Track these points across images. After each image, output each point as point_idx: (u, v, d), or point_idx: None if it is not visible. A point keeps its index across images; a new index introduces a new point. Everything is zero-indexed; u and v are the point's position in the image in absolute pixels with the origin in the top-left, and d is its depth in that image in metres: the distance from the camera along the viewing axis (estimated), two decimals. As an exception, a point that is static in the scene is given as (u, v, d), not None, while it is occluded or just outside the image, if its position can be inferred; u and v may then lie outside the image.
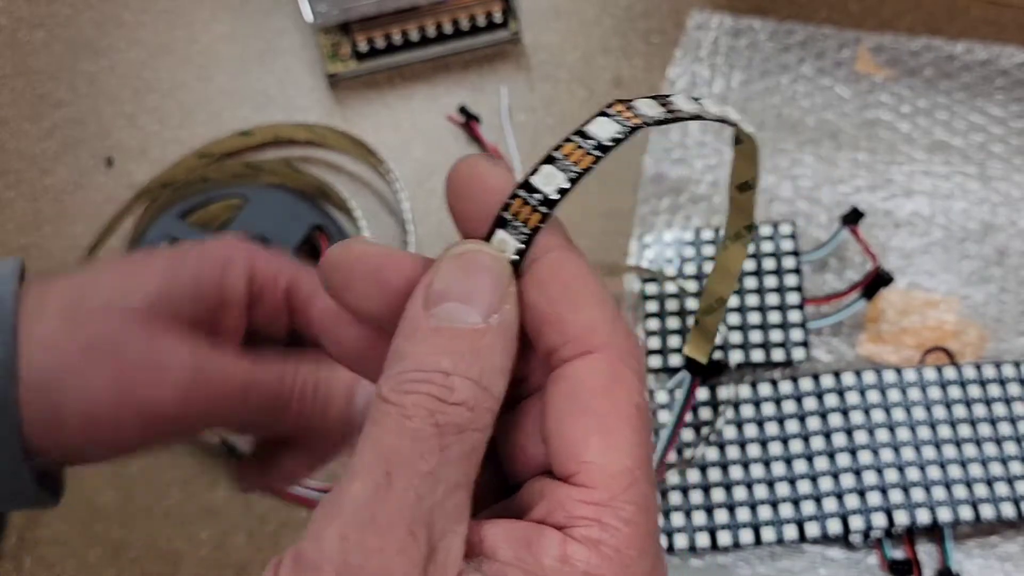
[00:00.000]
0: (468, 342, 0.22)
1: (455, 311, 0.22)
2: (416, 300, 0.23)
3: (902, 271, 0.57)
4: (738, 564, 0.50)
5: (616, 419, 0.23)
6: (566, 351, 0.23)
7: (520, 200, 0.23)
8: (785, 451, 0.51)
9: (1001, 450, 0.51)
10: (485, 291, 0.23)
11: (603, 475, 0.22)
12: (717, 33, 0.66)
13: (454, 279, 0.23)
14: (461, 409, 0.22)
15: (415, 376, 0.22)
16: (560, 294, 0.23)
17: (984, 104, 0.62)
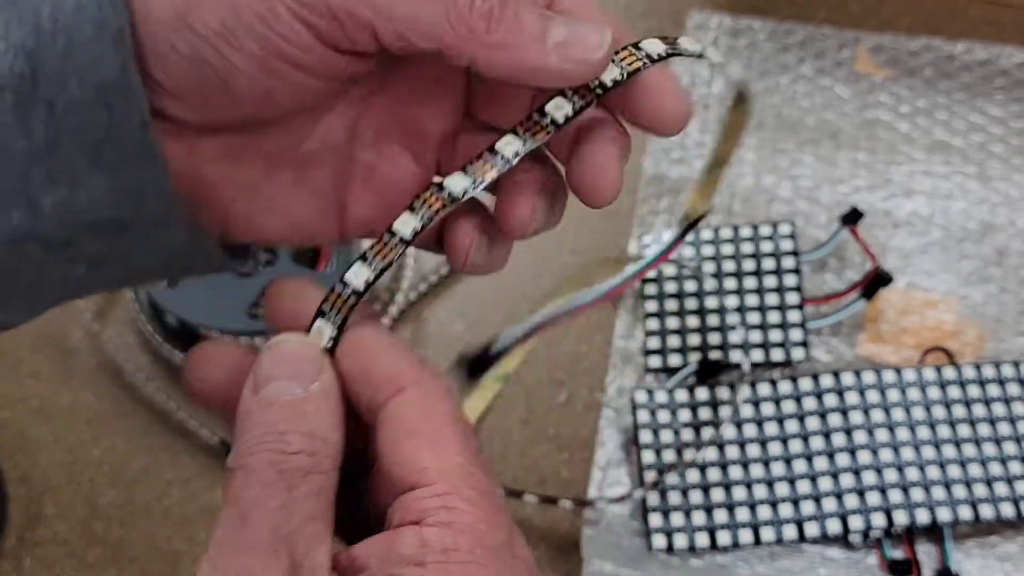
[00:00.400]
0: (295, 408, 0.26)
1: (279, 387, 0.26)
2: (246, 390, 0.27)
3: (901, 271, 0.57)
4: (737, 564, 0.50)
5: (440, 432, 0.27)
6: (380, 396, 0.27)
7: (335, 293, 0.28)
8: (784, 451, 0.51)
9: (1000, 450, 0.51)
10: (301, 366, 0.27)
11: (440, 473, 0.26)
12: (716, 33, 0.66)
13: (273, 364, 0.27)
14: (301, 456, 0.26)
15: (255, 441, 0.26)
16: (365, 355, 0.28)
17: (984, 104, 0.62)
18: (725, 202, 0.60)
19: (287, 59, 0.27)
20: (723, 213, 0.59)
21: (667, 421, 0.52)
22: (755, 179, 0.60)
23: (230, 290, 0.55)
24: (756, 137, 0.62)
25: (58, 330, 0.57)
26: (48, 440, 0.54)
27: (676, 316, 0.55)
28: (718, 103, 0.63)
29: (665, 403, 0.53)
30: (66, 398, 0.55)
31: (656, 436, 0.52)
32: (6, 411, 0.55)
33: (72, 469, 0.54)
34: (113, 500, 0.53)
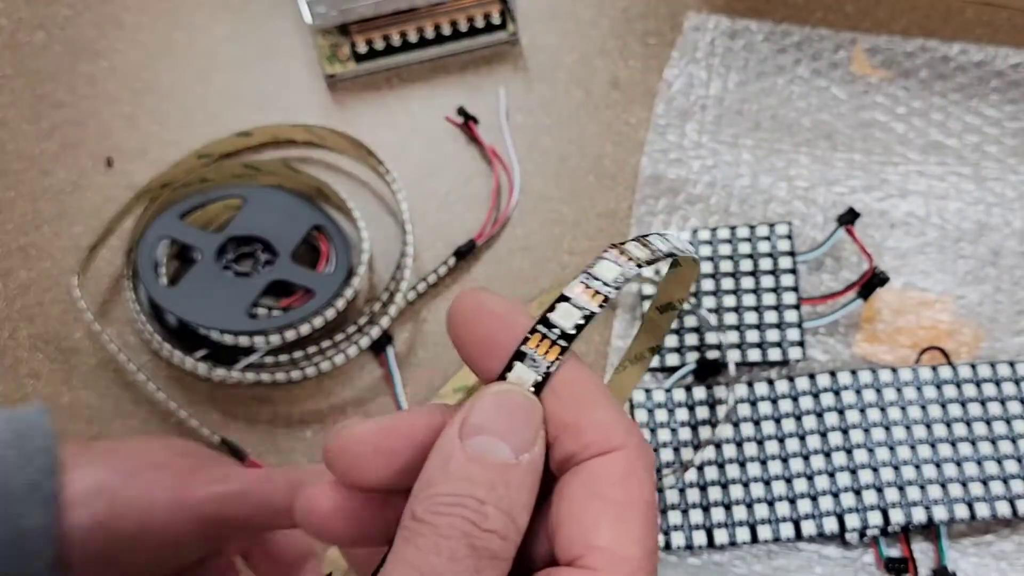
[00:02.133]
0: (501, 475, 0.23)
1: (490, 445, 0.23)
2: (452, 431, 0.24)
3: (897, 271, 0.57)
4: (735, 562, 0.50)
5: (629, 509, 0.24)
6: (584, 453, 0.24)
7: (539, 335, 0.24)
8: (781, 450, 0.51)
9: (996, 449, 0.51)
10: (520, 430, 0.24)
11: (610, 560, 0.23)
12: (714, 35, 0.66)
13: (491, 415, 0.24)
14: (494, 536, 0.23)
15: (450, 500, 0.23)
16: (577, 402, 0.24)
17: (979, 105, 0.63)
18: (722, 202, 0.60)
19: None
20: (720, 213, 0.60)
21: (665, 420, 0.52)
22: (752, 180, 0.61)
23: (230, 290, 0.55)
24: (753, 138, 0.62)
25: (58, 330, 0.58)
26: (48, 440, 0.54)
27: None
28: (716, 104, 0.64)
29: (663, 402, 0.53)
30: (66, 398, 0.56)
31: (654, 435, 0.52)
32: (6, 411, 0.55)
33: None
34: (113, 499, 0.53)
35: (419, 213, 0.61)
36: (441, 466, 0.24)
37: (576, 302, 0.25)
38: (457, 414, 0.24)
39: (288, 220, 0.58)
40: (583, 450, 0.24)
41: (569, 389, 0.25)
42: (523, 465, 0.24)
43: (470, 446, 0.24)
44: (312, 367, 0.55)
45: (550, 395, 0.24)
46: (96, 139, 0.65)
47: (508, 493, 0.23)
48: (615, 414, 0.25)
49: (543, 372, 0.24)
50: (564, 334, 0.24)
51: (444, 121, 0.65)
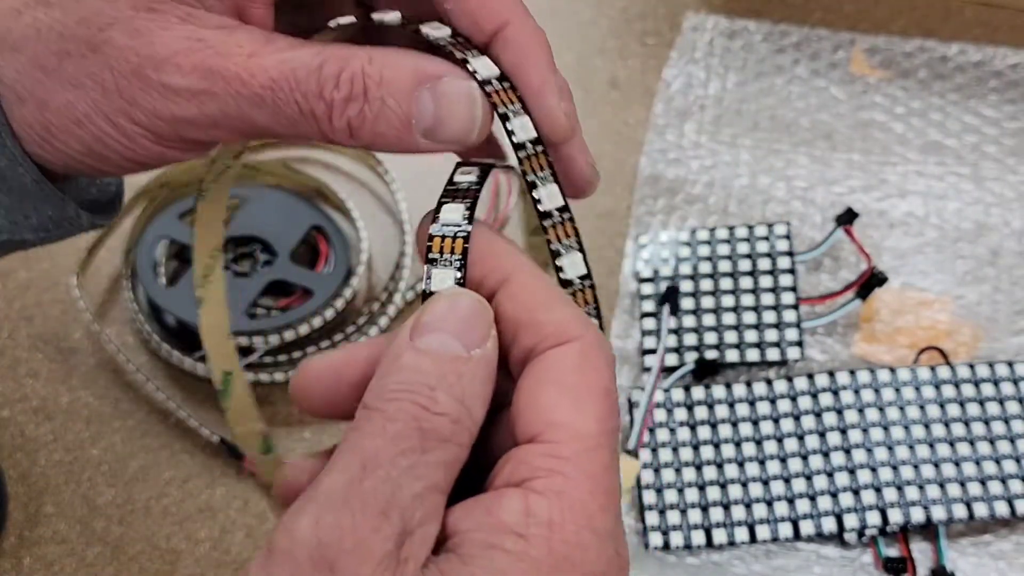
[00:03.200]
0: (453, 367, 0.24)
1: (441, 340, 0.24)
2: (403, 332, 0.25)
3: (896, 271, 0.57)
4: (733, 562, 0.50)
5: (586, 392, 0.24)
6: (544, 344, 0.25)
7: (437, 238, 0.26)
8: (780, 450, 0.51)
9: (995, 449, 0.51)
10: (471, 328, 0.25)
11: (568, 434, 0.24)
12: (712, 35, 0.66)
13: (441, 316, 0.25)
14: (445, 420, 0.23)
15: (400, 387, 0.23)
16: (533, 302, 0.25)
17: (977, 105, 0.63)
18: (721, 202, 0.60)
19: None
20: (719, 213, 0.60)
21: (663, 420, 0.52)
22: (751, 180, 0.61)
23: (229, 291, 0.55)
24: (751, 138, 0.62)
25: (57, 330, 0.58)
26: (47, 439, 0.55)
27: (672, 316, 0.56)
28: (714, 104, 0.64)
29: (661, 402, 0.53)
30: (65, 398, 0.56)
31: (652, 435, 0.52)
32: (5, 411, 0.55)
33: (71, 468, 0.54)
34: (112, 499, 0.53)
35: (418, 213, 0.61)
36: (392, 362, 0.24)
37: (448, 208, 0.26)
38: (409, 319, 0.25)
39: (287, 220, 0.58)
40: (540, 342, 0.25)
41: (525, 291, 0.25)
42: (475, 359, 0.24)
43: (421, 343, 0.24)
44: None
45: (508, 299, 0.25)
46: (95, 139, 0.65)
47: (460, 382, 0.24)
48: (571, 310, 0.25)
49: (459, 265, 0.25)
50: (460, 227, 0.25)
51: (443, 121, 0.65)
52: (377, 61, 0.27)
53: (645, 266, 0.57)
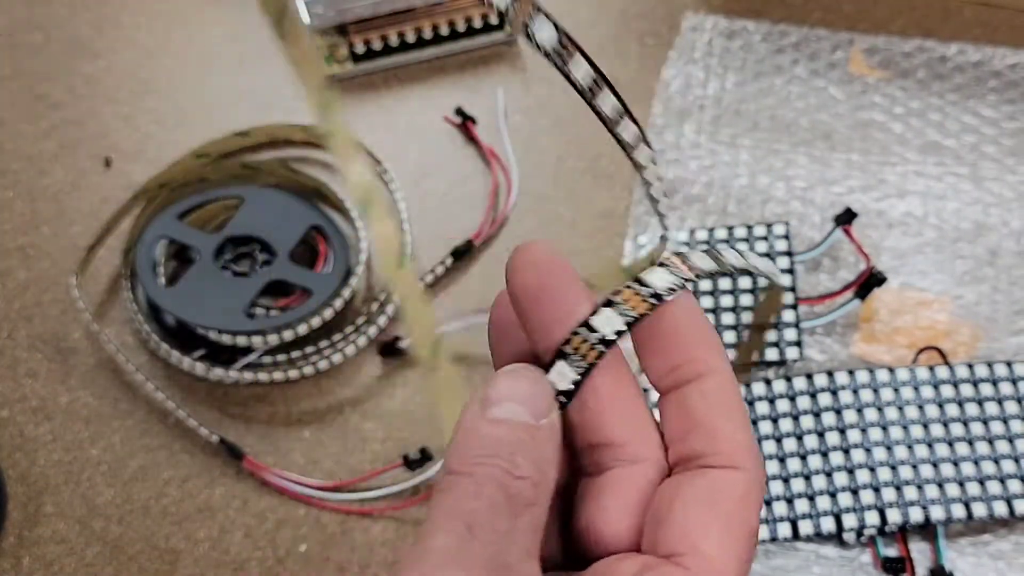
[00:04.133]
0: (527, 432, 0.24)
1: (512, 409, 0.25)
2: (472, 409, 0.25)
3: (895, 271, 0.57)
4: (732, 562, 0.50)
5: (739, 528, 0.24)
6: (713, 459, 0.25)
7: (580, 337, 0.25)
8: (779, 449, 0.51)
9: (993, 449, 0.51)
10: (536, 399, 0.25)
11: (710, 568, 0.24)
12: (711, 35, 0.66)
13: (508, 388, 0.25)
14: (527, 483, 0.24)
15: (483, 452, 0.24)
16: (720, 410, 0.25)
17: (976, 105, 0.63)
18: (720, 202, 0.60)
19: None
20: (718, 214, 0.60)
21: (662, 420, 0.52)
22: (750, 180, 0.61)
23: (228, 290, 0.55)
24: (751, 138, 0.62)
25: (56, 330, 0.58)
26: (47, 439, 0.55)
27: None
28: (713, 104, 0.64)
29: (660, 402, 0.53)
30: (64, 397, 0.56)
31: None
32: (4, 410, 0.55)
33: (70, 468, 0.54)
34: (112, 499, 0.53)
35: (417, 213, 0.61)
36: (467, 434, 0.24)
37: (620, 308, 0.25)
38: (473, 395, 0.25)
39: (286, 220, 0.58)
40: (713, 456, 0.25)
41: (718, 395, 0.25)
42: (544, 427, 0.25)
43: (492, 413, 0.25)
44: (310, 367, 0.55)
45: (697, 391, 0.25)
46: (94, 139, 0.65)
47: (535, 447, 0.24)
48: (749, 436, 0.25)
49: (581, 371, 0.25)
50: (603, 339, 0.25)
51: (442, 121, 0.65)
52: None
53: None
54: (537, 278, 0.26)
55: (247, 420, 0.55)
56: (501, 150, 0.63)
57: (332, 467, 0.54)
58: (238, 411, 0.55)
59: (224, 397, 0.56)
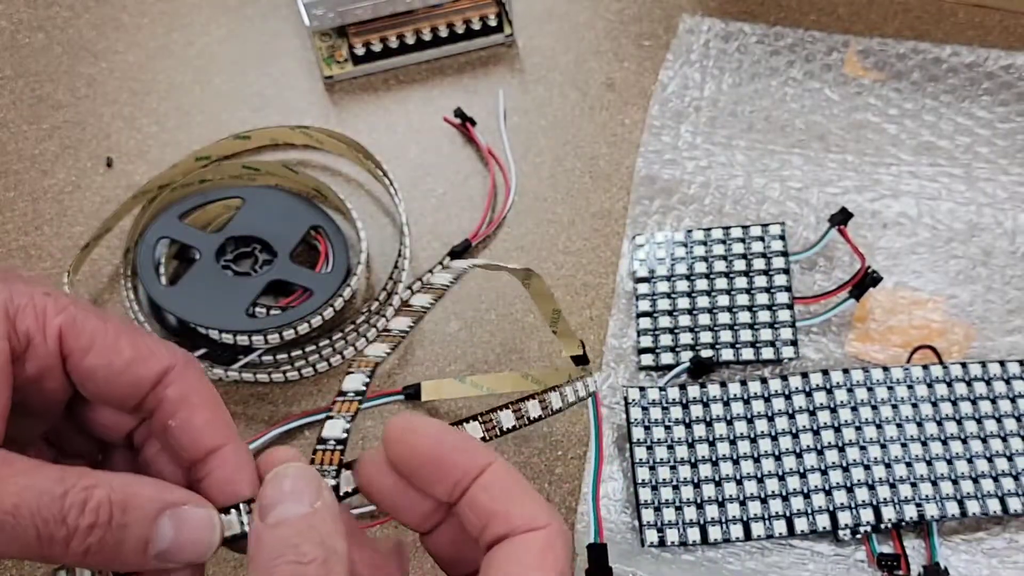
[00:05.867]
0: (305, 521, 0.28)
1: (285, 509, 0.28)
2: (255, 518, 0.28)
3: (889, 271, 0.58)
4: (728, 559, 0.50)
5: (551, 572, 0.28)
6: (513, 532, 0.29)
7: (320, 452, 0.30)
8: (775, 447, 0.52)
9: (987, 447, 0.52)
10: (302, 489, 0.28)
11: None
12: (708, 37, 0.67)
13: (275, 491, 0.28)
14: (314, 565, 0.27)
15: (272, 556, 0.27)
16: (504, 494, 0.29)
17: (970, 106, 0.63)
18: (716, 203, 0.60)
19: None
20: (714, 214, 0.60)
21: (659, 418, 0.53)
22: (745, 180, 0.61)
23: (229, 290, 0.56)
24: (746, 139, 0.63)
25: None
26: (49, 438, 0.55)
27: (668, 315, 0.56)
28: (710, 106, 0.64)
29: (657, 400, 0.53)
30: None
31: (649, 433, 0.52)
32: (7, 409, 0.56)
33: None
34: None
35: (416, 213, 0.61)
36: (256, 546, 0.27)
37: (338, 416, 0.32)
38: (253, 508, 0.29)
39: (287, 220, 0.58)
40: (511, 531, 0.29)
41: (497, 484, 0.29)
42: (319, 509, 0.28)
43: (270, 518, 0.28)
44: (310, 367, 0.55)
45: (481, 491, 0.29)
46: (96, 140, 0.65)
47: (315, 529, 0.27)
48: (539, 502, 0.30)
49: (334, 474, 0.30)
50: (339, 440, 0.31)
51: (441, 122, 0.65)
52: (119, 489, 0.28)
53: (641, 266, 0.58)
54: None
55: (247, 419, 0.55)
56: (499, 151, 0.63)
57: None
58: (239, 410, 0.55)
59: (224, 396, 0.56)
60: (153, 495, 0.28)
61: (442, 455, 0.30)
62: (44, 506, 0.26)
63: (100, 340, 0.30)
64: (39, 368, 0.30)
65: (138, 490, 0.28)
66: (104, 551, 0.27)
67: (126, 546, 0.28)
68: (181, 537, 0.28)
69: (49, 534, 0.26)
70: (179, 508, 0.28)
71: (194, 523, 0.29)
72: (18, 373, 0.30)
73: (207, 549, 0.29)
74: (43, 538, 0.26)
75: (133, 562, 0.28)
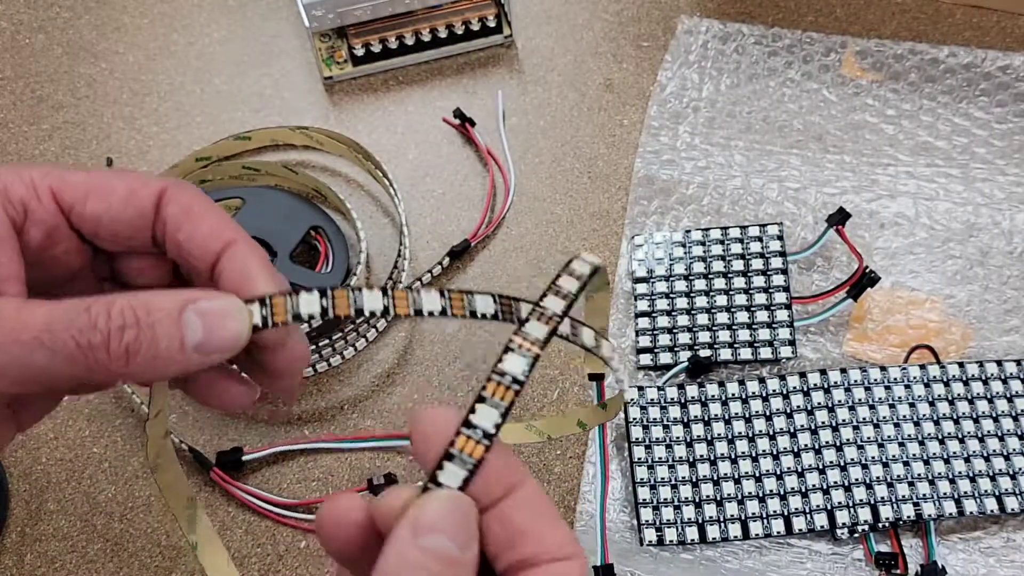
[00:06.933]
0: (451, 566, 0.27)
1: (442, 542, 0.27)
2: (404, 531, 0.27)
3: (887, 271, 0.58)
4: (726, 558, 0.51)
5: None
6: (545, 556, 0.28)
7: (464, 437, 0.28)
8: (772, 447, 0.52)
9: (984, 446, 0.52)
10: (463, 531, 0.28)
11: None
12: (706, 38, 0.67)
13: (440, 518, 0.27)
14: None
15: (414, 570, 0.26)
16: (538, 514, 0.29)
17: (967, 107, 0.63)
18: (714, 203, 0.61)
19: None
20: (713, 214, 0.60)
21: (658, 417, 0.53)
22: (744, 181, 0.61)
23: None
24: (744, 140, 0.63)
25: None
26: (49, 437, 0.55)
27: (667, 315, 0.56)
28: (708, 106, 0.64)
29: (656, 400, 0.53)
30: (65, 396, 0.56)
31: (647, 432, 0.53)
32: (7, 409, 0.56)
33: (73, 466, 0.54)
34: (113, 496, 0.53)
35: (415, 214, 0.61)
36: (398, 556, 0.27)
37: (491, 401, 0.28)
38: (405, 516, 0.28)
39: (287, 221, 0.58)
40: (542, 554, 0.28)
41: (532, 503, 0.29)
42: (467, 559, 0.27)
43: (423, 542, 0.27)
44: (310, 367, 0.56)
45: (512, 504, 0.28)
46: (96, 140, 0.65)
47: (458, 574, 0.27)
48: (568, 530, 0.29)
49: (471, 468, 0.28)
50: (486, 433, 0.28)
51: (441, 123, 0.65)
52: (139, 296, 0.29)
53: (640, 266, 0.58)
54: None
55: (248, 419, 0.55)
56: (499, 151, 0.64)
57: (332, 463, 0.54)
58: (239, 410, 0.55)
59: (225, 395, 0.56)
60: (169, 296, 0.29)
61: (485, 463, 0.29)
62: (73, 319, 0.28)
63: (92, 186, 0.31)
64: (45, 232, 0.31)
65: (153, 296, 0.29)
66: (144, 354, 0.28)
67: (162, 345, 0.28)
68: (210, 325, 0.29)
69: (87, 341, 0.28)
70: (198, 302, 0.29)
71: (218, 311, 0.29)
72: (27, 243, 0.31)
73: (239, 334, 0.29)
74: (82, 347, 0.28)
75: (177, 361, 0.29)
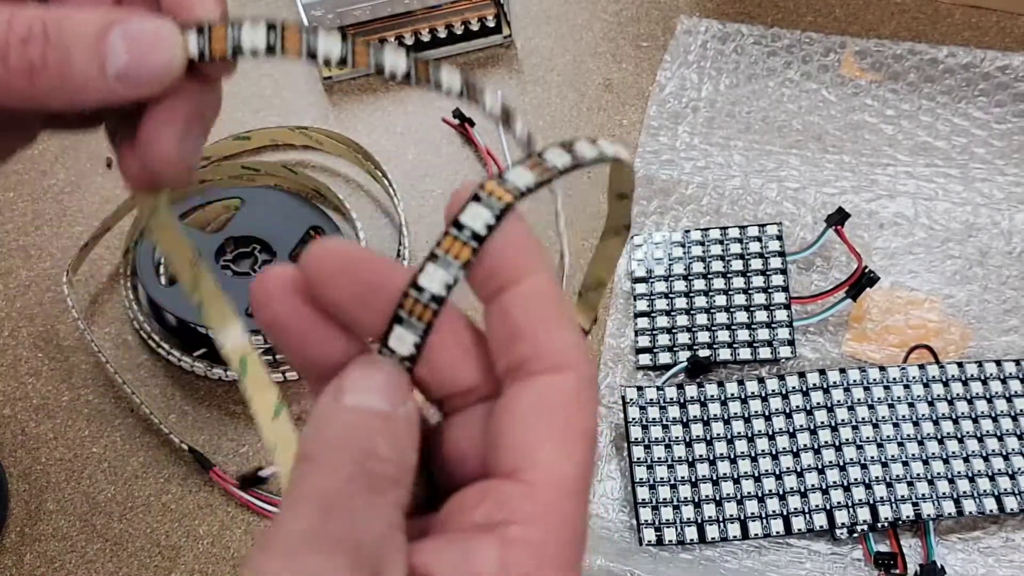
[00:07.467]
0: (383, 420, 0.23)
1: (368, 398, 0.24)
2: (327, 397, 0.24)
3: (886, 271, 0.58)
4: (725, 558, 0.51)
5: (574, 432, 0.24)
6: (537, 365, 0.24)
7: (412, 299, 0.24)
8: (772, 447, 0.52)
9: (983, 446, 0.52)
10: (391, 389, 0.24)
11: (550, 476, 0.23)
12: (705, 38, 0.67)
13: (363, 377, 0.24)
14: (389, 464, 0.23)
15: (340, 435, 0.23)
16: (540, 312, 0.24)
17: (966, 107, 0.63)
18: (714, 203, 0.61)
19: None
20: (712, 214, 0.60)
21: (657, 417, 0.53)
22: (743, 181, 0.61)
23: (228, 290, 0.56)
24: (744, 140, 0.63)
25: (58, 329, 0.58)
26: (48, 437, 0.55)
27: (666, 315, 0.56)
28: (707, 106, 0.64)
29: (655, 400, 0.53)
30: (66, 396, 0.56)
31: (646, 432, 0.53)
32: (7, 409, 0.56)
33: (72, 466, 0.54)
34: (113, 496, 0.53)
35: (415, 214, 0.62)
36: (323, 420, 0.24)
37: (443, 260, 0.24)
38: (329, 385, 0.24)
39: (286, 221, 0.58)
40: (537, 360, 0.24)
41: (536, 299, 0.24)
42: (401, 415, 0.24)
43: (347, 400, 0.24)
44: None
45: (513, 297, 0.24)
46: (95, 140, 0.65)
47: (394, 433, 0.23)
48: (576, 336, 0.24)
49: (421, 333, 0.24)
50: (435, 297, 0.24)
51: (440, 123, 0.65)
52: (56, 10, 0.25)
53: (639, 266, 0.58)
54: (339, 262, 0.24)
55: (247, 418, 0.55)
56: (498, 151, 0.64)
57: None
58: (239, 409, 0.55)
59: (225, 396, 0.56)
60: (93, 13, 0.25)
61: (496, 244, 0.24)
62: None
63: None
64: None
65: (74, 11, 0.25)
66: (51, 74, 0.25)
67: (77, 68, 0.24)
68: (137, 52, 0.25)
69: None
70: (127, 22, 0.25)
71: (149, 36, 0.25)
72: None
73: (169, 64, 0.25)
74: None
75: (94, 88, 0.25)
